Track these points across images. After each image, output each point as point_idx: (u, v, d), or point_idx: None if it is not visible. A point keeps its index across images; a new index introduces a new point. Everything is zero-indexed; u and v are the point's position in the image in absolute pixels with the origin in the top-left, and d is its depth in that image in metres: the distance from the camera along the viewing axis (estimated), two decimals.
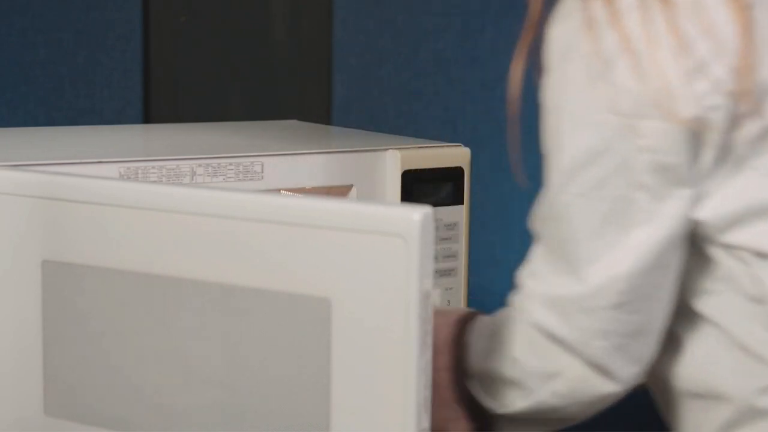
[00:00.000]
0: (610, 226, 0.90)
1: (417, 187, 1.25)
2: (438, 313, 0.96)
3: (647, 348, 0.94)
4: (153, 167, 1.13)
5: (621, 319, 0.92)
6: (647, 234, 0.90)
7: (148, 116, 1.91)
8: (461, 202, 1.28)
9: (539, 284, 0.94)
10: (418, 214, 0.80)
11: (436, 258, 1.26)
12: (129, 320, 0.92)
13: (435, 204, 1.25)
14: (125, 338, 0.92)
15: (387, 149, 1.27)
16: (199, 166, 1.15)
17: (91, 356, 0.94)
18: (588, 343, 0.92)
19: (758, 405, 0.92)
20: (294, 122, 1.64)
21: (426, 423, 0.81)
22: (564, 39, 0.91)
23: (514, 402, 0.97)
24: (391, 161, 1.26)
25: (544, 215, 0.94)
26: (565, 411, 0.97)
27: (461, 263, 1.28)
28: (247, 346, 0.87)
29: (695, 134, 0.88)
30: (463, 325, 1.01)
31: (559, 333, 0.93)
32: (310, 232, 0.84)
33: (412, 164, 1.26)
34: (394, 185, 1.25)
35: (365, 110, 1.89)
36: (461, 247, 1.28)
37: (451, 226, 1.27)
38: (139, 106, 1.88)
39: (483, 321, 1.02)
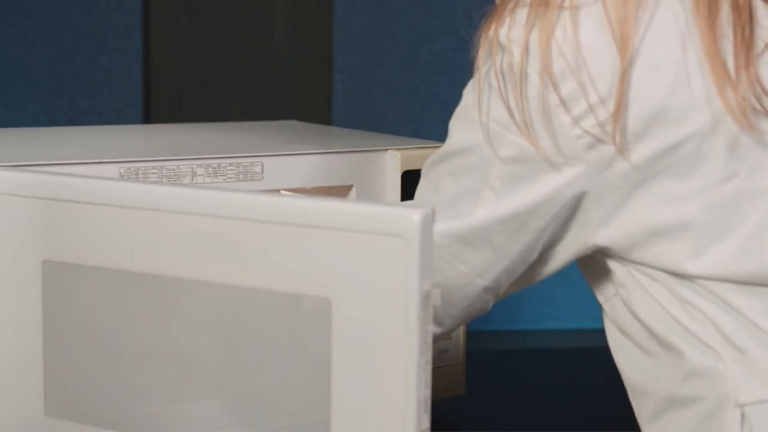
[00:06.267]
0: (458, 205, 1.00)
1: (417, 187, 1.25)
2: None
3: (446, 314, 1.04)
4: (153, 167, 1.13)
5: None
6: (478, 215, 0.99)
7: (148, 116, 1.91)
8: None
9: None
10: (418, 214, 0.80)
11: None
12: (129, 320, 0.92)
13: None
14: (125, 338, 0.92)
15: (387, 149, 1.27)
16: (200, 166, 1.16)
17: (91, 356, 0.94)
18: None
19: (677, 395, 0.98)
20: (294, 122, 1.64)
21: (426, 423, 0.81)
22: (491, 44, 0.98)
23: None
24: (391, 161, 1.26)
25: (430, 163, 1.04)
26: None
27: None
28: (247, 346, 0.87)
29: (552, 161, 0.96)
30: None
31: None
32: (310, 232, 0.84)
33: (412, 164, 1.26)
34: (394, 185, 1.25)
35: (365, 110, 1.89)
36: None
37: None
38: (139, 106, 1.88)
39: None
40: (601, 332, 1.05)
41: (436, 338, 1.07)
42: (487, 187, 0.98)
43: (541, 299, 1.89)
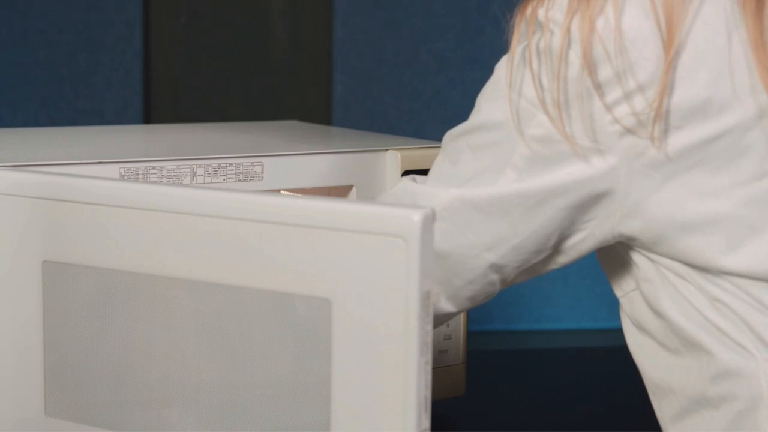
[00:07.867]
0: (475, 181, 0.98)
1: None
2: None
3: (457, 290, 1.01)
4: (153, 168, 1.13)
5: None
6: (495, 189, 0.98)
7: (148, 116, 1.91)
8: None
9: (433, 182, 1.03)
10: (418, 214, 0.80)
11: None
12: (129, 320, 0.92)
13: None
14: (125, 338, 0.92)
15: (387, 149, 1.27)
16: (200, 166, 1.16)
17: (91, 356, 0.94)
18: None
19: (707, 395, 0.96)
20: (294, 122, 1.64)
21: (426, 423, 0.81)
22: (527, 23, 0.97)
23: None
24: (391, 161, 1.26)
25: (451, 136, 1.03)
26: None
27: None
28: (247, 346, 0.87)
29: (580, 146, 0.94)
30: None
31: None
32: (310, 232, 0.84)
33: (412, 164, 1.26)
34: (394, 185, 1.25)
35: (365, 110, 1.89)
36: None
37: None
38: (139, 106, 1.88)
39: None
40: (601, 332, 1.05)
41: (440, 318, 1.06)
42: (509, 166, 0.96)
43: (541, 299, 1.89)
